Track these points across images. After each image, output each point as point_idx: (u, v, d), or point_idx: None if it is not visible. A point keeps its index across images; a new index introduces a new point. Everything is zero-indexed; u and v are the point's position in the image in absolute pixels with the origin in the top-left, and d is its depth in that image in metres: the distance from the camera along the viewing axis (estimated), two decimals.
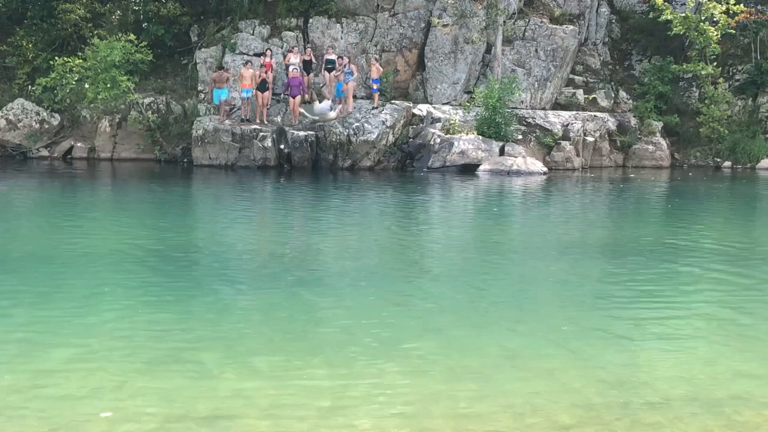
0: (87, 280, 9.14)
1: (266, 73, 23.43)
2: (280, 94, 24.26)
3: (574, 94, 27.58)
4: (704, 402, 5.80)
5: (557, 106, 27.03)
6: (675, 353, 6.92)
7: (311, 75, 24.42)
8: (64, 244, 11.29)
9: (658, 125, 27.20)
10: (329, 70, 24.07)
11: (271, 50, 24.59)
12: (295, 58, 23.91)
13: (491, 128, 23.62)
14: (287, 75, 23.59)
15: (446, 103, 25.53)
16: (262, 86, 23.30)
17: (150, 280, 9.25)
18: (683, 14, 27.11)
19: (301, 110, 23.18)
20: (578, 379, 6.18)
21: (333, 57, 24.16)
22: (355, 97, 24.24)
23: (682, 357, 6.83)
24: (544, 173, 22.85)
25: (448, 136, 23.48)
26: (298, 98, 23.29)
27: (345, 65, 23.47)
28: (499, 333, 7.43)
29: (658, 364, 6.62)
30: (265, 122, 23.44)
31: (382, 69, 24.72)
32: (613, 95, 28.26)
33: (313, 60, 24.58)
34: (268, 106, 23.72)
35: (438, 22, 25.67)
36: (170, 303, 8.20)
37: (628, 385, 6.07)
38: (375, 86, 24.14)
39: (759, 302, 8.81)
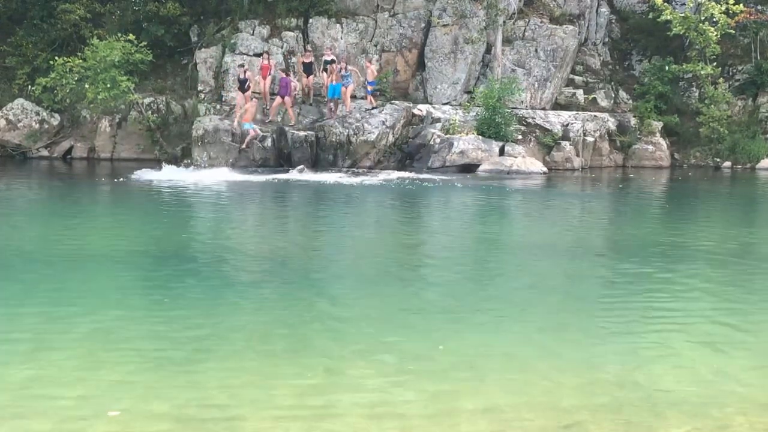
0: (91, 280, 9.15)
1: (245, 73, 23.23)
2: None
3: (574, 94, 27.59)
4: (704, 403, 5.80)
5: (557, 106, 27.05)
6: (674, 354, 6.92)
7: (311, 77, 24.34)
8: (66, 244, 11.29)
9: (658, 125, 27.21)
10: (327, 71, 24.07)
11: (268, 52, 24.49)
12: (328, 57, 23.91)
13: (491, 128, 23.63)
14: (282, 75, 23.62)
15: (446, 103, 25.56)
16: (242, 87, 23.24)
17: (154, 280, 9.26)
18: (683, 14, 27.13)
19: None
20: (577, 379, 6.19)
21: (331, 58, 24.14)
22: (354, 97, 24.25)
23: (682, 358, 6.83)
24: (544, 173, 22.86)
25: (447, 136, 23.49)
26: (288, 99, 23.23)
27: (342, 69, 23.44)
28: (498, 333, 7.43)
29: (657, 364, 6.62)
30: (266, 122, 23.46)
31: (377, 72, 24.70)
32: (613, 95, 28.27)
33: (314, 62, 24.55)
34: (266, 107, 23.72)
35: (438, 22, 25.69)
36: (175, 302, 8.20)
37: (627, 385, 6.07)
38: (370, 88, 24.12)
39: (759, 303, 8.81)
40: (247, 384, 5.94)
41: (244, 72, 23.26)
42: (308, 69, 24.17)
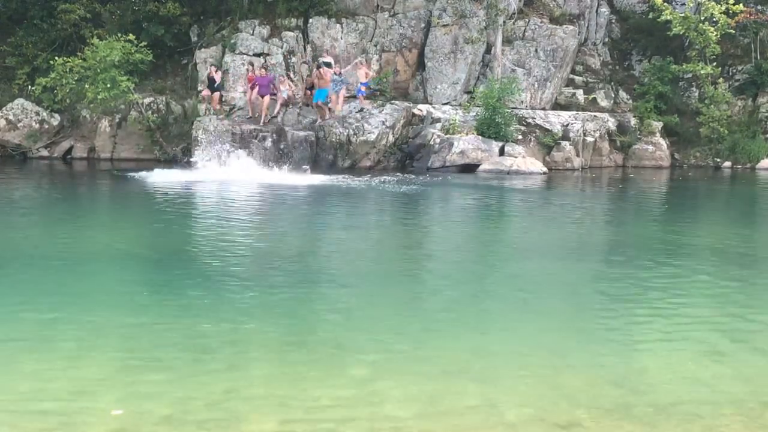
0: (96, 279, 9.16)
1: (215, 72, 23.49)
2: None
3: (574, 94, 27.60)
4: (705, 403, 5.80)
5: (557, 106, 27.05)
6: (675, 354, 6.92)
7: (313, 90, 24.16)
8: (69, 244, 11.29)
9: (658, 125, 27.21)
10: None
11: (253, 64, 24.41)
12: (326, 59, 23.88)
13: (491, 128, 23.64)
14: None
15: (446, 103, 25.56)
16: (210, 86, 23.41)
17: (160, 279, 9.27)
18: (683, 14, 27.13)
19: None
20: (578, 379, 6.19)
21: (329, 59, 24.13)
22: (354, 97, 24.28)
23: (683, 358, 6.83)
24: (544, 173, 22.86)
25: (447, 136, 23.49)
26: (267, 98, 23.22)
27: (335, 72, 23.38)
28: (499, 333, 7.43)
29: (658, 365, 6.62)
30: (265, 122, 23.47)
31: (375, 73, 24.65)
32: (613, 95, 28.28)
33: (316, 83, 24.31)
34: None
35: (438, 22, 25.70)
36: (181, 301, 8.21)
37: (628, 386, 6.07)
38: (363, 89, 24.07)
39: (760, 303, 8.80)
40: (251, 384, 5.95)
41: (215, 71, 23.58)
42: (310, 86, 24.25)
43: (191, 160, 21.34)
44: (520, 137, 24.29)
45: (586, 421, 5.40)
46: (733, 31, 27.22)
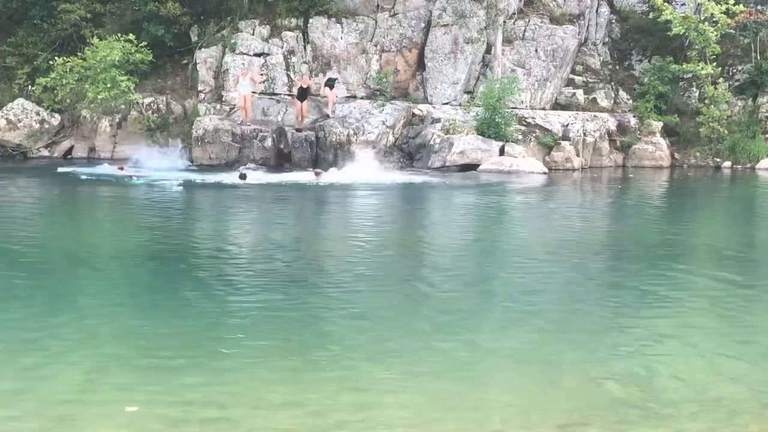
0: (105, 280, 9.18)
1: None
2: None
3: (574, 94, 27.56)
4: (704, 403, 5.81)
5: (557, 106, 27.02)
6: (675, 353, 6.93)
7: (305, 103, 23.68)
8: (78, 245, 11.30)
9: (658, 125, 27.18)
10: (330, 86, 23.94)
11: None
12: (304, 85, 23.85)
13: (491, 128, 23.63)
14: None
15: (446, 103, 25.54)
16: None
17: (167, 279, 9.29)
18: (683, 14, 27.11)
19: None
20: (578, 379, 6.19)
21: (335, 76, 24.15)
22: (354, 96, 24.32)
23: (683, 357, 6.84)
24: (544, 173, 22.86)
25: (447, 136, 23.49)
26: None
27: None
28: (500, 333, 7.44)
29: (658, 364, 6.62)
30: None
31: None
32: (613, 95, 28.25)
33: (311, 86, 24.10)
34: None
35: (438, 22, 25.69)
36: (188, 302, 8.22)
37: (628, 385, 6.08)
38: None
39: (759, 303, 8.81)
40: (256, 386, 5.97)
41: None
42: (302, 94, 23.70)
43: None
44: (520, 137, 24.27)
45: (586, 422, 5.41)
46: (733, 31, 27.18)
